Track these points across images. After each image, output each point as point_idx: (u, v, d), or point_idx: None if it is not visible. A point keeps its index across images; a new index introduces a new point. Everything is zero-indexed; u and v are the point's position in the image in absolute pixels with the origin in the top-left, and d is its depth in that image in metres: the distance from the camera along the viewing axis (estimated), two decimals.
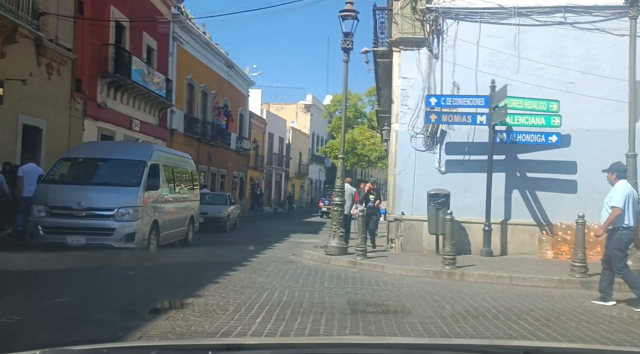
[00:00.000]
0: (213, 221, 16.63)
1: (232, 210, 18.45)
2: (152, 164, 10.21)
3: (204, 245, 12.88)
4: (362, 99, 35.10)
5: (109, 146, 13.30)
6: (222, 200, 18.77)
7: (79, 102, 15.39)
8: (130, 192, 9.61)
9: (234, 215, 18.83)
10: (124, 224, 9.29)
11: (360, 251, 9.73)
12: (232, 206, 18.70)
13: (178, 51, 24.09)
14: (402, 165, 10.95)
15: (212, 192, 21.94)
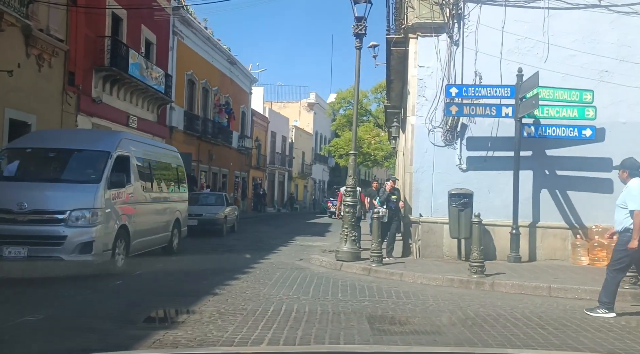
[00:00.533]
0: (208, 224, 15.40)
1: (229, 212, 16.97)
2: (119, 156, 8.32)
3: (195, 251, 11.69)
4: (367, 96, 34.12)
5: (66, 134, 10.55)
6: (218, 200, 17.25)
7: (71, 96, 14.51)
8: (88, 190, 7.64)
9: (232, 217, 17.33)
10: (78, 231, 7.30)
11: (376, 256, 8.80)
12: (229, 207, 17.23)
13: (178, 46, 23.21)
14: (419, 162, 10.02)
15: (207, 192, 20.43)
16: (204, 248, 12.31)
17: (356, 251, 9.39)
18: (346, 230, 9.42)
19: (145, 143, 10.58)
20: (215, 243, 13.48)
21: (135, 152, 9.05)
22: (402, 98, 15.79)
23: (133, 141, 9.49)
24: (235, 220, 17.70)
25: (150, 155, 9.96)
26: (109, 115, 16.97)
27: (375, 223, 8.90)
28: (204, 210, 15.58)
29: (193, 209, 14.56)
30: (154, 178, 9.93)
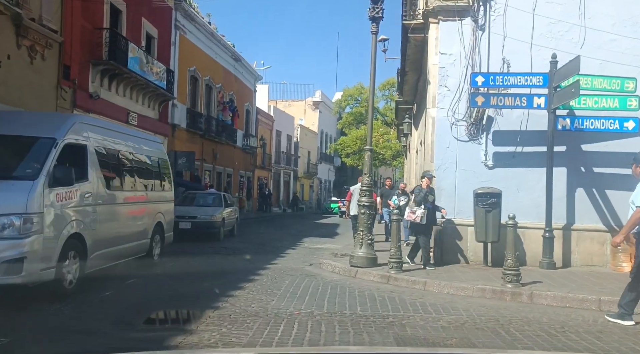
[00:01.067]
0: (203, 227, 13.74)
1: (228, 213, 15.16)
2: (69, 144, 6.46)
3: (185, 256, 10.54)
4: (375, 93, 33.19)
5: (2, 116, 7.86)
6: (216, 201, 15.42)
7: (66, 91, 13.71)
8: (19, 190, 5.74)
9: (231, 220, 15.54)
10: (3, 245, 5.45)
11: (395, 262, 7.93)
12: (228, 208, 15.38)
13: (181, 41, 22.42)
14: (440, 158, 9.14)
15: (202, 191, 18.03)
16: (197, 253, 11.17)
17: (373, 256, 8.51)
18: (361, 232, 8.55)
19: (113, 130, 8.30)
20: (209, 248, 11.98)
21: (95, 140, 7.13)
22: (416, 92, 14.92)
23: (93, 126, 7.47)
24: (234, 222, 16.01)
25: (119, 145, 7.98)
26: (107, 112, 16.16)
27: (395, 225, 8.03)
28: (199, 212, 14.07)
29: (186, 210, 13.69)
30: (125, 173, 8.03)
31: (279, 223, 24.23)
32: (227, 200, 15.88)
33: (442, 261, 8.98)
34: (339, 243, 14.79)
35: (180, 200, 14.05)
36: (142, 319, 5.35)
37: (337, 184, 54.97)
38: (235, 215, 16.13)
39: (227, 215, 15.00)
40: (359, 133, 32.15)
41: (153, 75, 18.40)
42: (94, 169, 6.95)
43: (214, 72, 26.50)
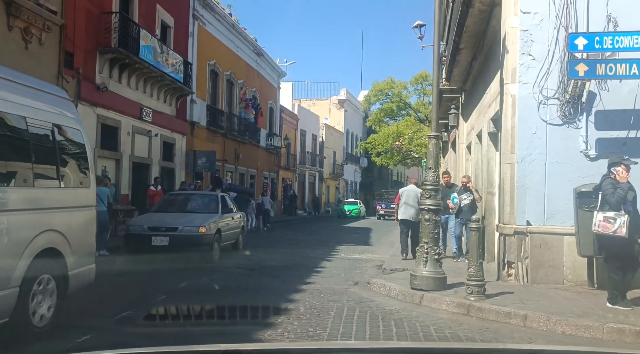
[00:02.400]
0: (187, 243, 9.50)
1: (227, 223, 10.93)
2: None
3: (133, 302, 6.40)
4: (407, 87, 31.06)
5: None
6: (208, 205, 11.23)
7: (68, 81, 12.08)
8: None
9: (232, 230, 11.23)
10: None
11: (475, 286, 5.91)
12: (227, 215, 11.14)
13: (199, 32, 20.76)
14: (524, 148, 7.07)
15: (192, 191, 14.42)
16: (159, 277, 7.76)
17: (441, 276, 6.50)
18: (426, 245, 6.54)
19: None
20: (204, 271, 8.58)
21: None
22: (468, 76, 12.83)
23: None
24: (239, 234, 11.84)
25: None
26: (117, 106, 14.55)
27: (474, 235, 5.99)
28: (181, 221, 9.93)
29: (162, 220, 10.02)
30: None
31: (306, 228, 22.35)
32: (226, 203, 11.58)
33: (527, 278, 6.91)
34: (379, 252, 12.81)
35: (160, 205, 11.49)
36: None
37: (363, 185, 52.85)
38: (239, 224, 12.02)
39: (225, 225, 10.71)
40: (390, 130, 30.06)
41: (168, 67, 16.74)
42: None
43: (235, 67, 24.82)
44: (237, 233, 11.75)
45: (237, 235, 11.72)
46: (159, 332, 5.10)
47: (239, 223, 12.02)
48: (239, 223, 12.10)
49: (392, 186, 60.78)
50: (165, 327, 5.24)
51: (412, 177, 16.73)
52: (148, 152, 16.67)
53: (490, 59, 9.33)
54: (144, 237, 9.60)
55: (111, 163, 14.60)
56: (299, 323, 5.21)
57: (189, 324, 5.20)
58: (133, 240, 9.77)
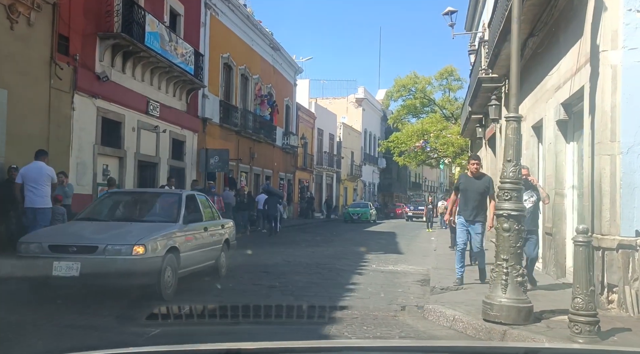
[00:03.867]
0: (110, 272, 5.89)
1: (193, 238, 7.26)
2: None
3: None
4: (431, 83, 29.30)
5: None
6: (163, 210, 7.75)
7: (62, 68, 10.69)
8: None
9: (205, 250, 7.60)
10: None
11: (586, 323, 4.26)
12: (196, 225, 7.46)
13: (212, 22, 19.35)
14: (632, 134, 5.41)
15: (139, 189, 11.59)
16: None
17: (527, 305, 4.86)
18: (505, 263, 4.91)
19: None
20: None
21: None
22: None
23: None
24: (221, 252, 8.10)
25: None
26: (121, 98, 13.14)
27: (583, 251, 4.34)
28: (108, 235, 6.37)
29: (78, 233, 6.51)
30: None
31: (326, 232, 20.79)
32: (196, 208, 7.78)
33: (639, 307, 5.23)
34: (415, 262, 11.20)
35: (92, 210, 7.56)
36: None
37: (382, 187, 51.11)
38: (221, 238, 8.24)
39: (189, 242, 7.03)
40: (414, 128, 28.31)
41: (178, 57, 15.32)
42: None
43: (250, 61, 23.37)
44: (216, 252, 7.91)
45: (215, 255, 7.85)
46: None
47: (218, 237, 8.10)
48: (220, 236, 8.20)
49: (410, 188, 59.07)
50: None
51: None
52: (156, 150, 15.26)
53: (561, 30, 7.66)
54: (41, 262, 5.85)
55: (113, 162, 13.19)
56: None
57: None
58: (24, 266, 5.94)
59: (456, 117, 27.81)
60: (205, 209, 8.12)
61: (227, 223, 8.98)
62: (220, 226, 8.46)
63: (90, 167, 11.98)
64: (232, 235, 8.85)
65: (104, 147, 12.64)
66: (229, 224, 8.96)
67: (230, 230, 8.81)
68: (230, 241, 8.63)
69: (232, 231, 8.93)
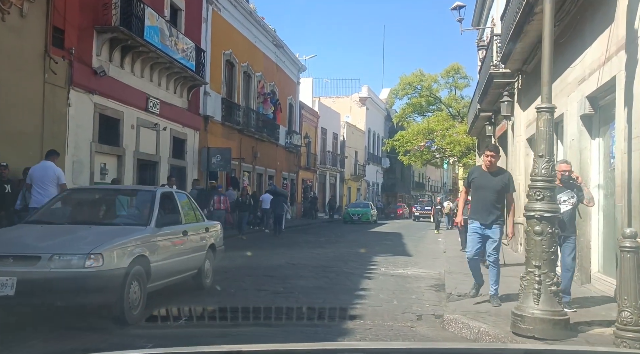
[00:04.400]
0: (56, 289, 4.67)
1: (168, 245, 6.12)
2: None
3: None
4: (437, 80, 28.76)
5: None
6: (134, 212, 6.71)
7: (57, 61, 10.23)
8: None
9: (184, 258, 6.40)
10: None
11: (636, 339, 3.75)
12: (172, 229, 6.26)
13: (213, 18, 18.89)
14: None
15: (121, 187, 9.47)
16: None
17: (563, 318, 4.36)
18: (537, 270, 4.41)
19: None
20: None
21: None
22: (535, 51, 10.58)
23: None
24: (204, 259, 6.99)
25: None
26: (119, 95, 12.68)
27: (632, 258, 3.84)
28: (56, 243, 5.11)
29: (19, 239, 5.34)
30: None
31: (330, 233, 20.30)
32: (174, 207, 6.62)
33: None
34: (425, 265, 10.71)
35: (45, 211, 6.25)
36: None
37: (385, 187, 50.61)
38: (205, 242, 7.17)
39: (162, 250, 5.91)
40: (420, 126, 27.80)
41: (178, 52, 14.86)
42: None
43: (253, 59, 22.90)
44: (199, 260, 6.77)
45: (197, 263, 6.72)
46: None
47: (201, 242, 7.00)
48: (204, 241, 7.09)
49: (414, 188, 58.50)
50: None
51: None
52: (156, 148, 14.80)
53: (587, 18, 7.16)
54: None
55: (112, 160, 12.74)
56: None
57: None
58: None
59: (462, 116, 27.29)
60: (187, 210, 7.00)
61: (213, 225, 7.81)
62: (204, 229, 7.29)
63: (87, 165, 11.52)
64: (219, 239, 7.71)
65: (102, 145, 12.18)
66: (216, 227, 7.83)
67: (216, 234, 7.68)
68: (216, 246, 7.50)
69: (218, 235, 7.77)
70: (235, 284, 7.53)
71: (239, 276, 8.27)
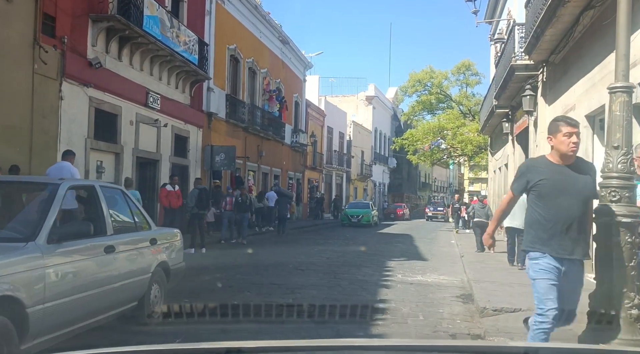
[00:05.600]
0: None
1: (81, 273, 4.03)
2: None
3: None
4: (448, 77, 27.91)
5: None
6: (18, 218, 4.40)
7: (47, 51, 9.47)
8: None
9: (117, 292, 4.48)
10: None
11: None
12: (80, 245, 4.10)
13: (217, 11, 18.14)
14: None
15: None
16: None
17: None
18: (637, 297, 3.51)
19: None
20: None
21: None
22: (567, 39, 9.74)
23: None
24: (144, 292, 4.93)
25: None
26: (117, 88, 11.93)
27: None
28: None
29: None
30: None
31: (336, 234, 19.50)
32: (93, 210, 4.67)
33: None
34: (444, 270, 9.93)
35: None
36: None
37: (392, 187, 49.73)
38: (148, 262, 5.11)
39: (46, 283, 3.60)
40: (431, 125, 26.95)
41: (180, 45, 14.10)
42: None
43: (258, 54, 22.14)
44: (139, 288, 4.85)
45: (136, 292, 4.81)
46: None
47: (143, 262, 5.00)
48: (148, 259, 5.10)
49: (420, 189, 57.56)
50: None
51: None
52: (156, 146, 14.06)
53: None
54: None
55: (109, 158, 11.99)
56: None
57: None
58: None
59: (474, 114, 26.42)
60: (120, 213, 5.00)
61: (166, 235, 5.72)
62: (148, 241, 5.11)
63: (82, 163, 10.76)
64: (174, 254, 5.63)
65: (98, 142, 11.44)
66: (170, 237, 5.76)
67: (170, 247, 5.59)
68: (170, 264, 5.40)
69: (174, 248, 5.68)
70: (240, 295, 6.73)
71: (243, 285, 7.50)
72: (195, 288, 6.84)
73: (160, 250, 5.35)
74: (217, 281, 7.51)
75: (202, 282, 7.46)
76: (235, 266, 9.46)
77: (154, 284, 5.10)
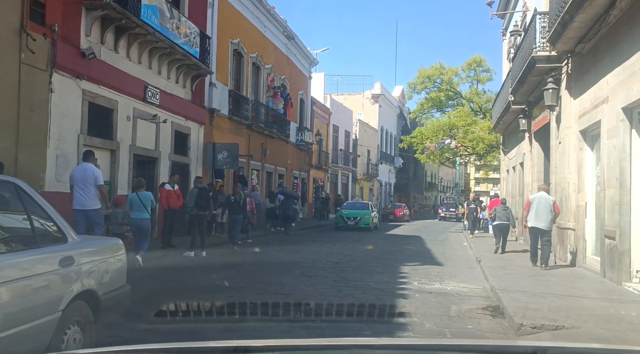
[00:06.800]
0: None
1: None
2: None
3: None
4: (458, 74, 27.12)
5: None
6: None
7: (35, 39, 8.77)
8: None
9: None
10: None
11: None
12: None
13: (220, 3, 17.43)
14: None
15: None
16: None
17: None
18: None
19: None
20: None
21: None
22: (598, 26, 8.96)
23: None
24: (49, 339, 3.26)
25: None
26: (113, 81, 11.24)
27: None
28: None
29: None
30: None
31: (344, 236, 18.76)
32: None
33: None
34: (463, 277, 9.20)
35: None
36: None
37: (398, 187, 48.93)
38: (58, 293, 3.42)
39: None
40: (441, 122, 26.17)
41: (180, 37, 13.40)
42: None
43: (262, 49, 21.43)
44: (41, 332, 3.22)
45: (34, 338, 3.16)
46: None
47: (49, 293, 3.35)
48: (63, 287, 3.47)
49: (426, 189, 56.72)
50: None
51: (542, 183, 12.39)
52: (155, 143, 13.37)
53: None
54: None
55: (104, 155, 11.30)
56: None
57: None
58: None
59: (484, 111, 25.62)
60: (5, 221, 3.57)
61: (101, 248, 4.26)
62: (57, 263, 3.48)
63: (74, 159, 10.07)
64: (111, 276, 4.12)
65: (92, 138, 10.76)
66: (111, 250, 4.35)
67: (104, 266, 4.05)
68: (100, 294, 3.88)
69: (113, 267, 4.20)
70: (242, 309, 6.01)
71: (247, 294, 6.79)
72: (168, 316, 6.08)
73: (83, 273, 3.67)
74: (201, 301, 5.93)
75: (187, 298, 6.75)
76: (235, 274, 8.76)
77: (71, 326, 3.45)
